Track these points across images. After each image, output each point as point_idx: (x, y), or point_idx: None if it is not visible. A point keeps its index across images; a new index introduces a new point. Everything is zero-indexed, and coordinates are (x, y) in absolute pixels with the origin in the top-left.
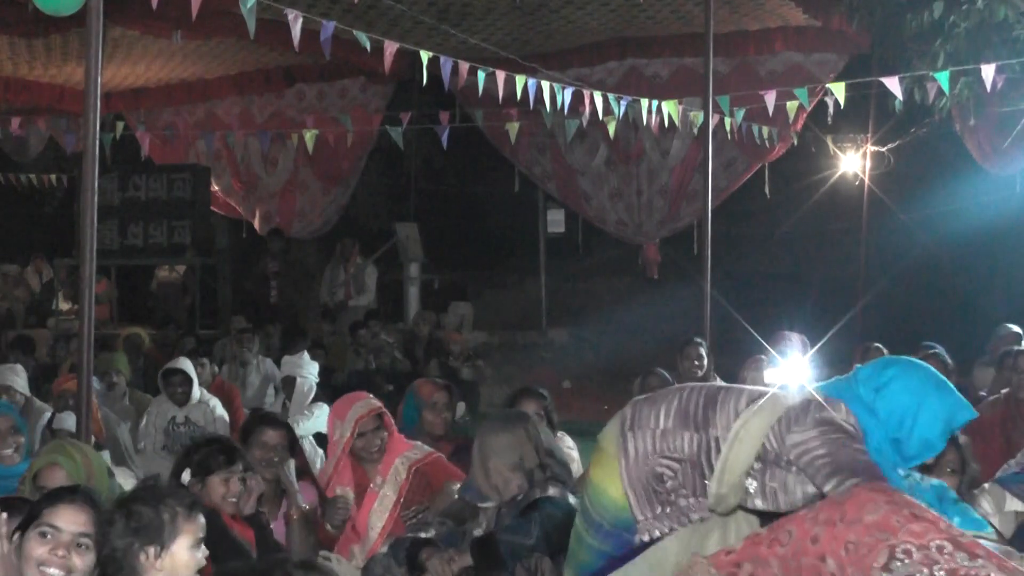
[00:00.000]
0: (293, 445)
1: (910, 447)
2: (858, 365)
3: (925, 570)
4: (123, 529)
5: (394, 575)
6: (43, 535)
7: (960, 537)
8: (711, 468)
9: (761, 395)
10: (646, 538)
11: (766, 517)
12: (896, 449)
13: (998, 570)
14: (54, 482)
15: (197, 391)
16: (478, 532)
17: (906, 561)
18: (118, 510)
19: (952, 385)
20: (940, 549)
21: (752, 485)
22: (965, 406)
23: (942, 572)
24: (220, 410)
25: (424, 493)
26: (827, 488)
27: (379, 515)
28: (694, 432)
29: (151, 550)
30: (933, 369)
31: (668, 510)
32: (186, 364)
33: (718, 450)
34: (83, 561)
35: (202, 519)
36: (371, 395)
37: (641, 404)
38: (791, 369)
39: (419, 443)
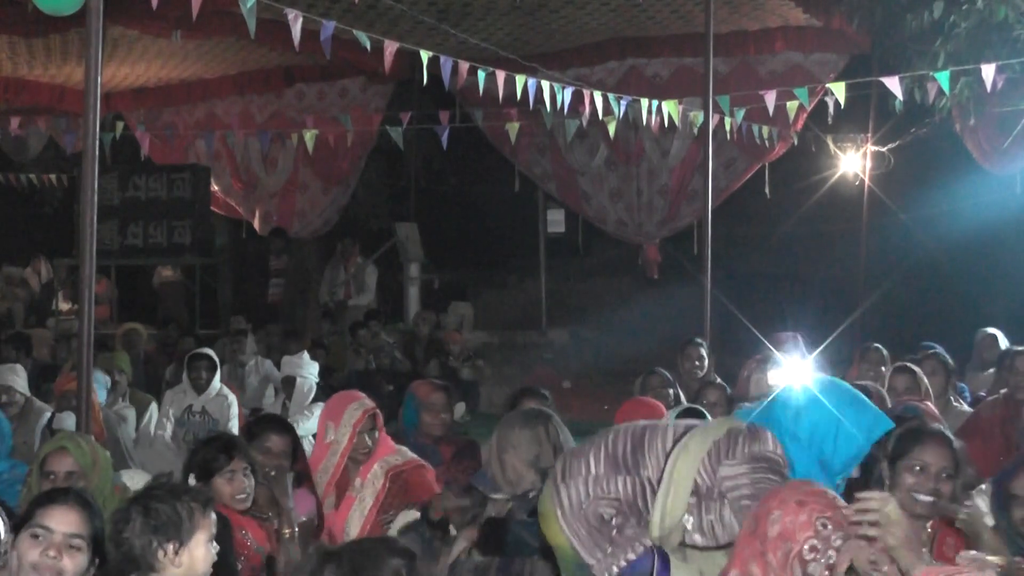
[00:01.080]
0: (296, 451)
1: (835, 464)
2: (776, 391)
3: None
4: (142, 526)
5: (425, 537)
6: (35, 536)
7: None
8: (647, 509)
9: (685, 431)
10: None
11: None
12: (822, 468)
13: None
14: (61, 467)
15: (218, 383)
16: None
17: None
18: (135, 507)
19: (865, 399)
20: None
21: (689, 522)
22: (882, 418)
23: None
24: (236, 408)
25: (403, 499)
26: None
27: (356, 520)
28: (626, 476)
29: (170, 547)
30: (846, 385)
31: (615, 547)
32: (211, 351)
33: (652, 491)
34: (74, 562)
35: (214, 515)
36: (363, 395)
37: (569, 456)
38: (795, 369)
39: (403, 448)
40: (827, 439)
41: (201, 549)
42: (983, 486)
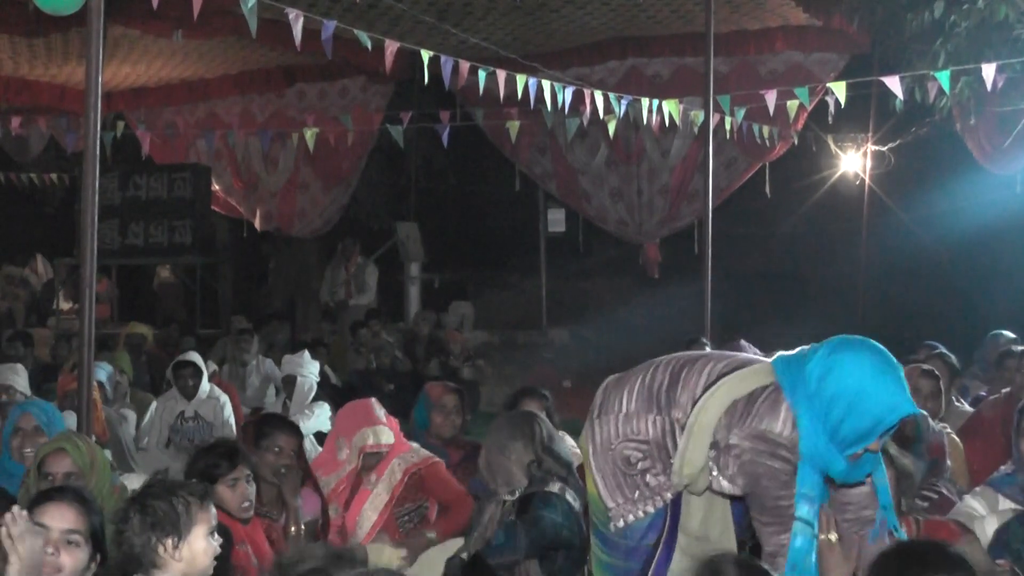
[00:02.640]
0: (301, 451)
1: (843, 436)
2: (813, 344)
3: None
4: (139, 525)
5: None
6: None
7: None
8: (675, 448)
9: (719, 377)
10: (620, 524)
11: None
12: (832, 439)
13: None
14: (59, 468)
15: (206, 385)
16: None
17: None
18: (132, 506)
19: (900, 376)
20: None
21: (713, 470)
22: (903, 402)
23: None
24: (229, 408)
25: (417, 495)
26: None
27: (370, 512)
28: (656, 414)
29: (169, 542)
30: (885, 355)
31: (638, 493)
32: (196, 357)
33: (682, 429)
34: (72, 558)
35: (214, 508)
36: (375, 413)
37: (610, 388)
38: None
39: (417, 445)
40: (842, 408)
41: (201, 542)
42: (978, 488)
